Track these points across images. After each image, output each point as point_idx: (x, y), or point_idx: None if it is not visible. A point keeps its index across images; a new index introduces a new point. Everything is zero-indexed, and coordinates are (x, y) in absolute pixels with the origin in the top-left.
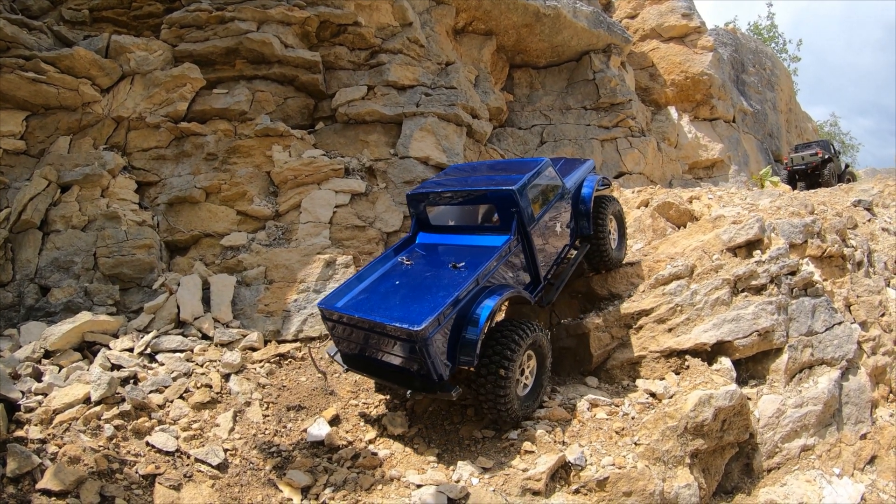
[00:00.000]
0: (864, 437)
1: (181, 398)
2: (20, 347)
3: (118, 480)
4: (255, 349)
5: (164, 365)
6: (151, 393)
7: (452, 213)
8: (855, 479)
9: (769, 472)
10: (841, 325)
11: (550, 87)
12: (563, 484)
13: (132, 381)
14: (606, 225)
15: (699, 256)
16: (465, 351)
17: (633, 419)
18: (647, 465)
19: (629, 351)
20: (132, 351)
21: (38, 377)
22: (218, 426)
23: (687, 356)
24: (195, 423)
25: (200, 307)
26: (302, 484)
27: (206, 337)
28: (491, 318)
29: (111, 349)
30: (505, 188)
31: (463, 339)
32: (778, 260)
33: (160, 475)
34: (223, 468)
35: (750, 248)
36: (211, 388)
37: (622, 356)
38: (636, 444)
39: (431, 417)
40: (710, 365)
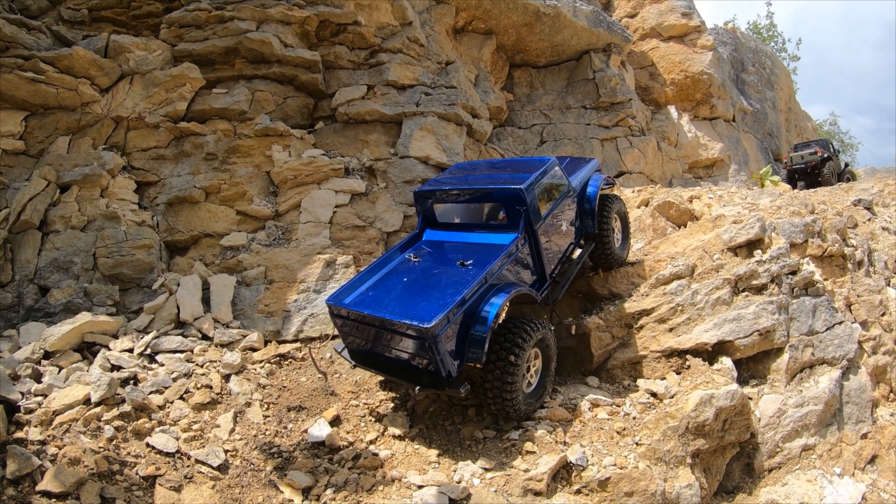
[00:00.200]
0: (864, 436)
1: (181, 399)
2: (20, 348)
3: (118, 482)
4: (255, 349)
5: (164, 365)
6: (151, 394)
7: (458, 210)
8: (856, 478)
9: (770, 471)
10: (841, 324)
11: (550, 86)
12: (564, 484)
13: (132, 381)
14: (611, 224)
15: (700, 256)
16: (473, 348)
17: (634, 419)
18: (648, 465)
19: (630, 351)
20: (132, 351)
21: (37, 378)
22: (218, 427)
23: (688, 356)
24: (195, 423)
25: (200, 307)
26: (303, 485)
27: (206, 337)
28: (499, 315)
29: (111, 350)
30: (513, 187)
31: (471, 336)
32: (778, 259)
33: (160, 476)
34: (224, 469)
35: (750, 247)
36: (211, 388)
37: (623, 356)
38: (637, 444)
39: (432, 418)
40: (711, 365)
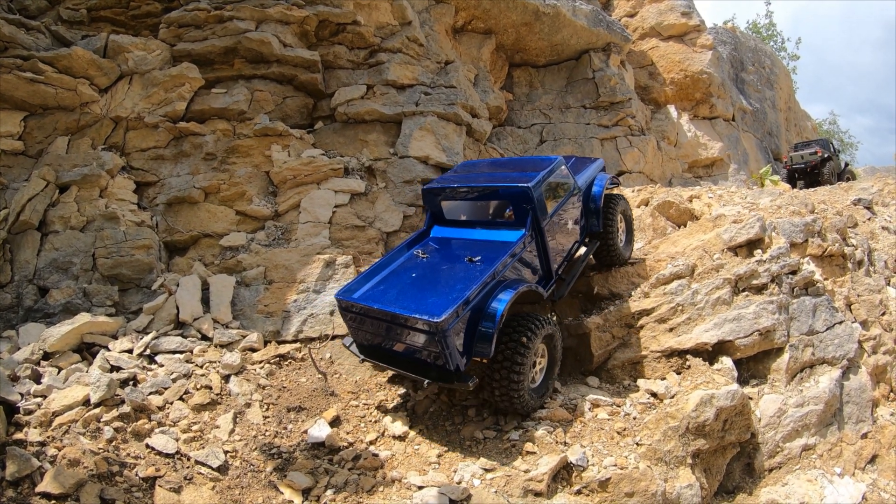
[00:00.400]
0: (864, 436)
1: (181, 400)
2: (19, 349)
3: (118, 483)
4: (254, 350)
5: (163, 366)
6: (151, 394)
7: (466, 207)
8: (856, 478)
9: (770, 471)
10: (842, 324)
11: (550, 85)
12: (564, 485)
13: (132, 382)
14: (616, 222)
15: (700, 256)
16: (481, 343)
17: (634, 419)
18: (648, 465)
19: (630, 351)
20: (131, 352)
21: (37, 379)
22: (218, 428)
23: (688, 356)
24: (195, 424)
25: (200, 308)
26: (303, 486)
27: (205, 338)
28: (506, 311)
29: (110, 350)
30: (521, 185)
31: (480, 331)
32: (779, 259)
33: (160, 478)
34: (223, 470)
35: (751, 247)
36: (211, 389)
37: (623, 356)
38: (638, 444)
39: (432, 418)
40: (711, 364)
